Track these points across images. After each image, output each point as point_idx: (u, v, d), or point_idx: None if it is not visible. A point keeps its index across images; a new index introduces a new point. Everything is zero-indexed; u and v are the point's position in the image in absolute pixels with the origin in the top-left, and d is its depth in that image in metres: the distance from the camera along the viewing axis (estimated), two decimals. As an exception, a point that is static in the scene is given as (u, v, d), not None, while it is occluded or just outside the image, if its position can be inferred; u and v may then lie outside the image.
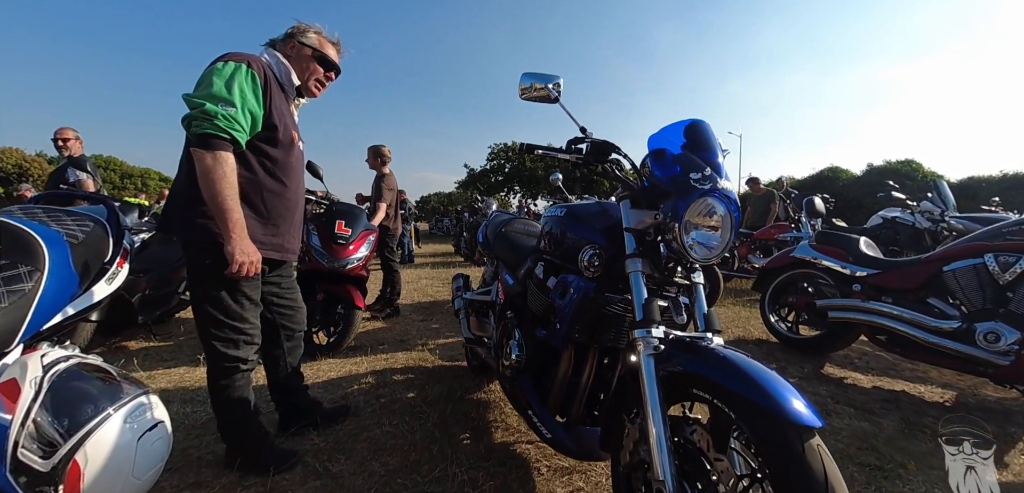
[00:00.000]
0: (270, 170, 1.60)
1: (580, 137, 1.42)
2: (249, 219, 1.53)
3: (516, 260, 2.06)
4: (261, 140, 1.55)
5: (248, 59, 1.49)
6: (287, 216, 1.69)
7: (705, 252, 1.22)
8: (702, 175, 1.20)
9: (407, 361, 3.09)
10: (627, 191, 1.36)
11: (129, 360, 3.08)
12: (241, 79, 1.44)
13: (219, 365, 1.60)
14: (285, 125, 1.60)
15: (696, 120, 1.32)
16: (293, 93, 1.70)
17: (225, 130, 1.39)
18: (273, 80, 1.58)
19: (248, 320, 1.60)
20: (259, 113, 1.50)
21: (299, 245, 1.84)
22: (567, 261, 1.54)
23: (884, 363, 3.19)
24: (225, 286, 1.53)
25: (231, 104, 1.41)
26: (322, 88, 1.76)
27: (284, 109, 1.62)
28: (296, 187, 1.72)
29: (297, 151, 1.71)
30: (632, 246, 1.28)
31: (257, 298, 1.64)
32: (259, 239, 1.57)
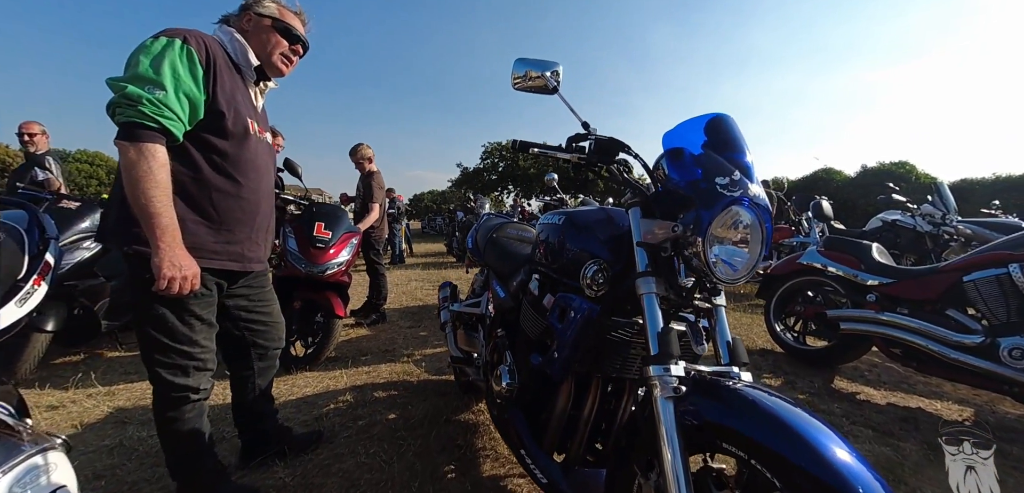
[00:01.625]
0: (219, 166, 1.36)
1: (582, 133, 1.22)
2: (196, 226, 1.33)
3: (508, 270, 1.85)
4: (206, 130, 1.31)
5: (185, 34, 1.26)
6: (244, 219, 1.45)
7: (731, 272, 1.02)
8: (730, 180, 1.00)
9: (391, 374, 2.87)
10: (637, 197, 1.16)
11: (86, 375, 2.83)
12: (173, 57, 1.21)
13: (165, 395, 1.39)
14: (237, 112, 1.36)
15: (719, 115, 1.12)
16: (251, 74, 1.46)
17: (152, 118, 1.17)
18: (222, 59, 1.35)
19: (198, 343, 1.39)
20: (199, 97, 1.26)
21: (267, 251, 1.61)
22: (566, 276, 1.34)
23: (895, 376, 3.04)
24: (169, 305, 1.31)
25: (160, 86, 1.18)
26: (289, 64, 1.51)
27: (237, 93, 1.38)
28: (255, 185, 1.46)
29: (255, 142, 1.45)
30: (644, 262, 1.08)
31: (210, 317, 1.43)
32: (210, 248, 1.36)
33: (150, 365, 1.36)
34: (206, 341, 1.41)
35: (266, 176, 1.52)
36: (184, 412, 1.42)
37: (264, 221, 1.53)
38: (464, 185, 31.17)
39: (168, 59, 1.20)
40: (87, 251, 3.20)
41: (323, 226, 3.04)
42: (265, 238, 1.57)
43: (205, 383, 1.44)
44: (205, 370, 1.43)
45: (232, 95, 1.35)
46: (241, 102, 1.39)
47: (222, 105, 1.32)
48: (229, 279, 1.50)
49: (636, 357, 1.20)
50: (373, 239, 4.31)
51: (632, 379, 1.24)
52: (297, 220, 3.11)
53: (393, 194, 10.22)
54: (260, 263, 1.56)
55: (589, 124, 1.23)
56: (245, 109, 1.40)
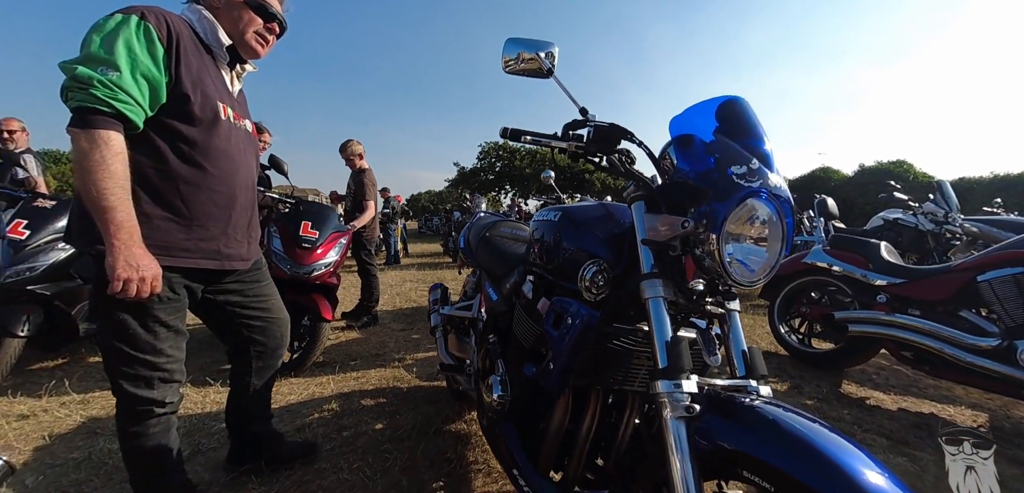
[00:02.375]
0: (186, 155, 1.24)
1: (580, 120, 1.10)
2: (164, 222, 1.22)
3: (501, 271, 1.73)
4: (170, 116, 1.20)
5: (143, 10, 1.15)
6: (218, 213, 1.33)
7: (747, 273, 0.90)
8: (747, 169, 0.88)
9: (380, 381, 2.74)
10: (641, 191, 1.04)
11: (62, 382, 2.70)
12: (128, 34, 1.10)
13: (128, 408, 1.29)
14: (205, 95, 1.25)
15: (733, 98, 1.00)
16: (223, 54, 1.34)
17: (105, 101, 1.06)
18: (188, 38, 1.24)
19: (164, 352, 1.27)
20: (160, 79, 1.15)
21: (252, 248, 1.49)
22: (562, 278, 1.22)
23: (904, 379, 2.93)
24: (131, 310, 1.19)
25: (113, 67, 1.07)
26: (265, 44, 1.40)
27: (205, 75, 1.27)
28: (229, 175, 1.33)
29: (228, 129, 1.33)
30: (649, 263, 0.96)
31: (178, 324, 1.31)
32: (181, 246, 1.25)
33: (112, 376, 1.26)
34: (173, 350, 1.30)
35: (243, 165, 1.39)
36: (148, 427, 1.30)
37: (243, 214, 1.41)
38: (461, 185, 31.00)
39: (122, 37, 1.09)
40: (62, 252, 3.06)
41: (310, 225, 2.92)
42: (248, 233, 1.45)
43: (171, 396, 1.33)
44: (171, 382, 1.31)
45: (199, 77, 1.24)
46: (210, 85, 1.27)
47: (187, 88, 1.20)
48: (208, 279, 1.39)
49: (641, 367, 1.08)
50: (365, 239, 4.18)
51: (636, 391, 1.12)
52: (282, 219, 2.98)
53: (388, 194, 10.09)
54: (243, 260, 1.44)
55: (587, 110, 1.11)
56: (215, 92, 1.29)
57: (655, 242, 0.96)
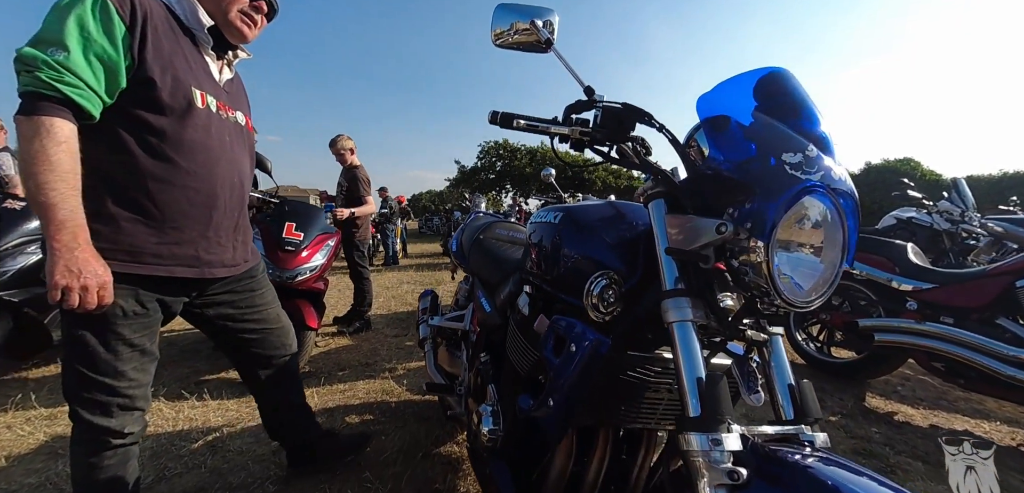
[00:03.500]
0: (154, 148, 1.09)
1: (585, 102, 0.90)
2: (132, 224, 1.09)
3: (496, 279, 1.54)
4: (136, 105, 1.06)
5: None
6: (194, 214, 1.17)
7: (796, 290, 0.71)
8: (803, 156, 0.69)
9: (367, 394, 2.55)
10: (660, 186, 0.84)
11: (28, 396, 2.51)
12: (82, 12, 0.97)
13: (82, 435, 1.15)
14: (176, 80, 1.10)
15: (775, 70, 0.80)
16: (206, 37, 1.20)
17: (50, 85, 0.94)
18: (160, 19, 1.10)
19: (126, 375, 1.12)
20: (117, 61, 1.01)
21: (239, 252, 1.34)
22: (563, 290, 1.02)
23: (932, 391, 2.73)
24: (91, 325, 1.06)
25: (62, 47, 0.95)
26: (252, 25, 1.25)
27: (178, 59, 1.13)
28: (206, 171, 1.18)
29: (205, 119, 1.18)
30: (673, 277, 0.77)
31: (145, 343, 1.16)
32: (151, 251, 1.11)
33: (68, 398, 1.12)
34: (137, 373, 1.15)
35: (224, 160, 1.23)
36: (103, 459, 1.16)
37: (227, 216, 1.26)
38: (462, 184, 30.79)
39: (74, 14, 0.97)
40: (32, 256, 2.88)
41: (294, 226, 2.73)
42: (233, 237, 1.30)
43: (132, 425, 1.17)
44: (132, 410, 1.16)
45: (170, 61, 1.10)
46: (184, 70, 1.13)
47: (153, 72, 1.06)
48: (188, 290, 1.24)
49: (660, 402, 0.89)
50: (357, 240, 3.99)
51: (654, 429, 0.93)
52: (264, 220, 2.80)
53: (386, 193, 9.91)
54: (228, 266, 1.29)
55: (594, 90, 0.92)
56: (190, 78, 1.14)
57: (681, 251, 0.76)
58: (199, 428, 2.17)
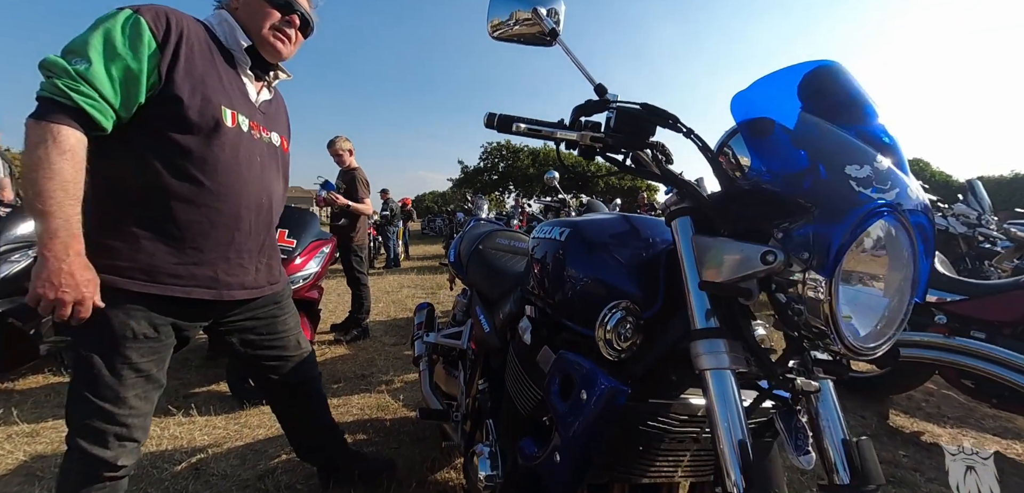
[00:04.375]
0: (180, 167, 1.08)
1: (596, 102, 0.77)
2: (152, 243, 1.07)
3: (494, 293, 1.42)
4: (161, 121, 1.05)
5: (141, 6, 1.04)
6: (216, 235, 1.15)
7: (856, 337, 0.58)
8: (872, 169, 0.56)
9: (362, 409, 2.43)
10: (686, 202, 0.71)
11: (9, 410, 2.41)
12: (112, 27, 0.98)
13: (73, 461, 1.10)
14: (205, 99, 1.09)
15: (825, 64, 0.67)
16: (243, 57, 1.20)
17: (65, 93, 0.93)
18: (198, 41, 1.11)
19: (127, 403, 1.08)
20: (139, 75, 1.00)
21: (263, 275, 1.30)
22: (570, 317, 0.89)
23: (957, 406, 2.59)
24: (100, 347, 1.05)
25: (85, 59, 0.95)
26: (285, 40, 1.24)
27: (211, 79, 1.12)
28: (233, 191, 1.15)
29: (235, 138, 1.16)
30: (704, 311, 0.64)
31: (153, 370, 1.13)
32: (169, 271, 1.09)
33: (67, 421, 1.10)
34: (139, 401, 1.11)
35: (252, 181, 1.21)
36: (85, 486, 1.11)
37: (250, 237, 1.23)
38: (464, 185, 30.68)
39: (103, 29, 0.98)
40: (18, 264, 2.79)
41: (286, 233, 2.61)
42: (256, 259, 1.27)
43: (125, 459, 1.12)
44: (129, 441, 1.11)
45: (202, 80, 1.09)
46: (215, 89, 1.12)
47: (181, 90, 1.05)
48: (206, 314, 1.22)
49: (685, 453, 0.76)
50: (355, 245, 3.87)
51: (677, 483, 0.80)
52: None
53: (387, 195, 9.82)
54: (248, 289, 1.26)
55: (606, 88, 0.79)
56: (221, 98, 1.13)
57: (717, 284, 0.63)
58: (184, 448, 2.05)
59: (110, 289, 1.02)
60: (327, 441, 1.59)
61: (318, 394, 1.55)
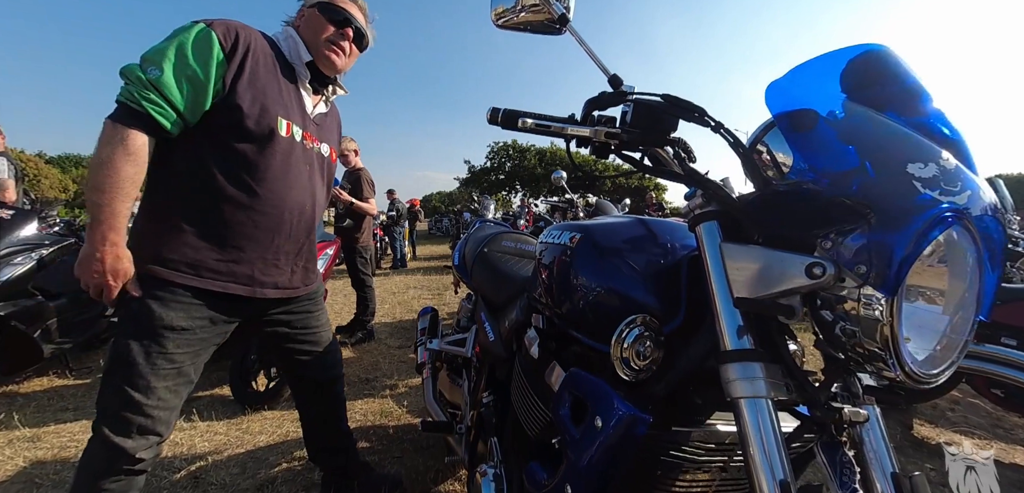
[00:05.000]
0: (233, 172, 1.14)
1: (610, 94, 0.70)
2: (198, 239, 1.13)
3: (499, 298, 1.35)
4: (221, 127, 1.12)
5: (214, 21, 1.12)
6: (258, 237, 1.20)
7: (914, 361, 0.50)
8: (938, 167, 0.48)
9: (365, 415, 2.37)
10: (713, 204, 0.64)
11: (10, 415, 2.39)
12: (185, 39, 1.06)
13: (92, 454, 1.12)
14: (264, 109, 1.16)
15: (872, 49, 0.59)
16: (304, 71, 1.29)
17: (134, 98, 1.01)
18: (264, 56, 1.19)
19: (157, 393, 1.10)
20: (206, 84, 1.07)
21: (299, 276, 1.36)
22: (581, 331, 0.82)
23: (983, 416, 2.47)
24: (136, 335, 1.08)
25: (158, 67, 1.03)
26: (340, 53, 1.31)
27: (272, 91, 1.19)
28: (279, 198, 1.21)
29: (287, 147, 1.22)
30: (735, 330, 0.57)
31: (186, 364, 1.15)
32: (209, 266, 1.14)
33: (97, 408, 1.12)
34: (168, 394, 1.12)
35: (299, 188, 1.27)
36: (106, 481, 1.11)
37: (290, 241, 1.29)
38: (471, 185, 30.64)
39: (177, 40, 1.06)
40: (21, 266, 2.77)
41: (288, 235, 2.57)
42: (293, 260, 1.33)
43: (144, 452, 1.12)
44: (151, 434, 1.12)
45: (262, 91, 1.17)
46: (274, 101, 1.19)
47: (242, 99, 1.12)
48: (242, 310, 1.24)
49: (710, 483, 0.68)
50: (360, 247, 3.83)
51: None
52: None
53: (394, 195, 9.80)
54: (283, 289, 1.30)
55: (621, 79, 0.71)
56: (279, 108, 1.20)
57: (754, 301, 0.55)
58: (184, 455, 2.01)
59: (151, 278, 1.08)
60: (342, 446, 1.62)
61: (340, 395, 1.59)
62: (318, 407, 1.55)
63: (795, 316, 0.53)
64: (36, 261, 2.80)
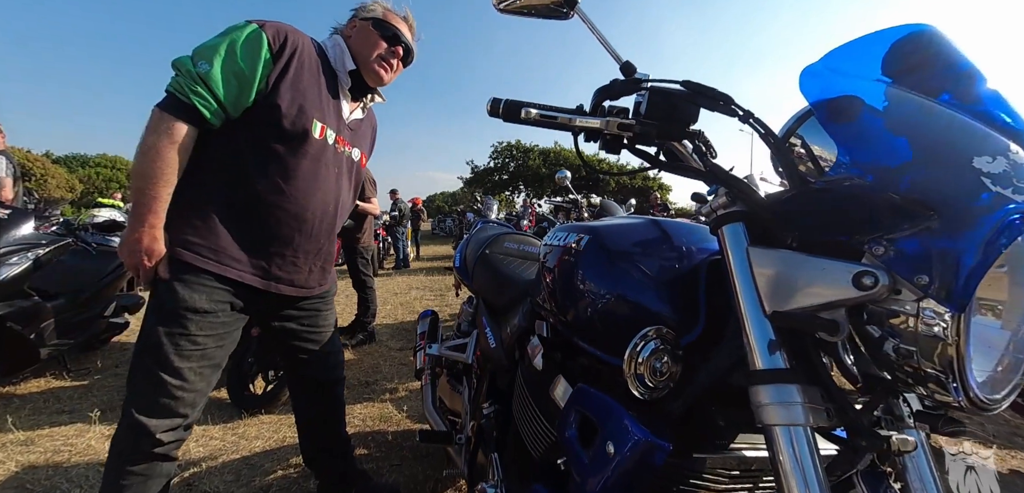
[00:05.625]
0: (266, 169, 1.17)
1: (623, 81, 0.64)
2: (223, 229, 1.15)
3: (503, 303, 1.29)
4: (259, 124, 1.15)
5: (266, 22, 1.16)
6: (280, 233, 1.22)
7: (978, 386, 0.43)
8: (1008, 161, 0.41)
9: (364, 420, 2.32)
10: (738, 204, 0.57)
11: (3, 417, 2.35)
12: (237, 36, 1.10)
13: (122, 429, 1.12)
14: (302, 111, 1.19)
15: (919, 29, 0.53)
16: (346, 79, 1.32)
17: (184, 91, 1.05)
18: (310, 60, 1.23)
19: (181, 374, 1.11)
20: (251, 81, 1.12)
21: (314, 276, 1.36)
22: (589, 341, 0.76)
23: (1001, 423, 2.38)
24: (162, 317, 1.11)
25: (208, 62, 1.07)
26: (388, 70, 1.35)
27: (312, 94, 1.22)
28: (305, 198, 1.23)
29: (319, 150, 1.25)
30: (766, 346, 0.50)
31: (210, 349, 1.16)
32: (231, 255, 1.17)
33: (127, 387, 1.15)
34: (193, 376, 1.13)
35: (324, 190, 1.29)
36: (131, 462, 1.11)
37: (310, 240, 1.30)
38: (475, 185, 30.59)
39: (229, 38, 1.10)
40: (17, 266, 2.73)
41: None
42: (311, 260, 1.33)
43: (166, 434, 1.11)
44: (175, 416, 1.12)
45: (303, 94, 1.20)
46: (313, 104, 1.22)
47: (282, 99, 1.15)
48: (257, 301, 1.24)
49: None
50: (361, 247, 3.78)
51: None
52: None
53: (397, 195, 9.77)
54: (295, 287, 1.30)
55: (634, 66, 0.65)
56: (315, 112, 1.23)
57: (790, 315, 0.49)
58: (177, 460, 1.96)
59: (178, 262, 1.10)
60: (340, 450, 1.58)
61: (340, 397, 1.56)
62: (317, 408, 1.52)
63: (841, 333, 0.46)
64: (32, 261, 2.76)
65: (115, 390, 2.78)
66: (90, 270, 3.26)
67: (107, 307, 3.36)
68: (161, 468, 1.16)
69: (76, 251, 3.26)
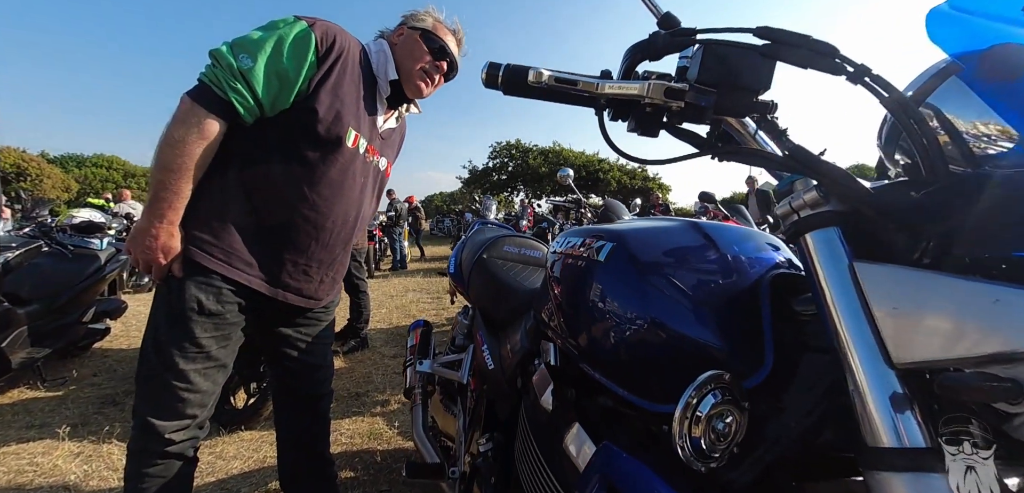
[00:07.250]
0: (292, 173, 1.11)
1: (664, 34, 0.47)
2: (239, 231, 1.10)
3: (500, 315, 1.13)
4: (294, 127, 1.09)
5: (316, 21, 1.10)
6: (297, 240, 1.16)
7: None
8: None
9: (351, 437, 2.15)
10: (834, 203, 0.41)
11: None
12: (285, 34, 1.04)
13: (134, 432, 1.10)
14: (338, 117, 1.12)
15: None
16: (386, 87, 1.25)
17: (220, 84, 0.99)
18: (354, 64, 1.17)
19: (185, 376, 1.07)
20: (294, 83, 1.05)
21: (323, 287, 1.28)
22: (612, 375, 0.59)
23: None
24: (169, 315, 1.08)
25: (252, 57, 1.00)
26: (430, 83, 1.28)
27: (351, 100, 1.16)
28: (327, 207, 1.16)
29: (349, 158, 1.18)
30: (890, 413, 0.34)
31: (216, 350, 1.11)
32: (243, 258, 1.11)
33: (137, 385, 1.13)
34: (198, 378, 1.08)
35: (347, 199, 1.22)
36: (145, 463, 1.08)
37: (325, 250, 1.23)
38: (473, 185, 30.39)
39: (277, 34, 1.04)
40: (-17, 272, 2.57)
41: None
42: (323, 270, 1.26)
43: (176, 434, 1.08)
44: (183, 417, 1.08)
45: (342, 101, 1.14)
46: (350, 110, 1.16)
47: (320, 104, 1.09)
48: (263, 308, 1.18)
49: None
50: (354, 250, 3.61)
51: None
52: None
53: (393, 195, 9.60)
54: (302, 298, 1.23)
55: (677, 19, 0.48)
56: (351, 120, 1.17)
57: (928, 365, 0.32)
58: (146, 484, 1.80)
59: (190, 261, 1.05)
60: (321, 473, 1.48)
61: (325, 414, 1.47)
62: (302, 423, 1.42)
63: (1018, 400, 0.30)
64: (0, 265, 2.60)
65: (89, 402, 2.61)
66: (66, 274, 3.09)
67: (85, 312, 3.19)
68: (177, 467, 1.12)
69: (51, 254, 3.09)
